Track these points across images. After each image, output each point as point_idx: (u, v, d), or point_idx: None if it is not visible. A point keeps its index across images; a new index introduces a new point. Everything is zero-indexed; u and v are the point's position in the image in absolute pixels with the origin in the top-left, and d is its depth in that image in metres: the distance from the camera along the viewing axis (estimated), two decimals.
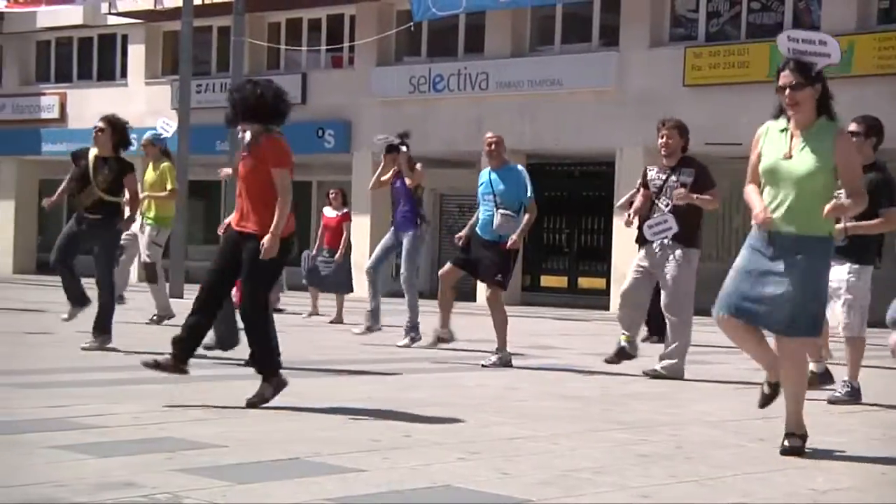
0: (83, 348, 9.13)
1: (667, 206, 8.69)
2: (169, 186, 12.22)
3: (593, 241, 22.96)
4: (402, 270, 11.02)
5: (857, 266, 7.48)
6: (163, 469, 4.55)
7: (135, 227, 12.24)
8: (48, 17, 26.79)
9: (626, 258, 18.98)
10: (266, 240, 6.37)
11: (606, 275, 21.35)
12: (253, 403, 6.38)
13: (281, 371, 6.54)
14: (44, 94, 28.45)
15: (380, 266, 11.23)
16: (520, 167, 9.79)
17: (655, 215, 8.72)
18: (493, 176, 9.62)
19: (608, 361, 8.88)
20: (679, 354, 8.73)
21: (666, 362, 8.72)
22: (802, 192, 5.29)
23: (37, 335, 10.21)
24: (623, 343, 8.87)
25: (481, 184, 9.74)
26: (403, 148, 11.13)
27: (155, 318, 12.17)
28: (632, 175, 19.95)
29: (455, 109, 21.96)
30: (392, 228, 11.22)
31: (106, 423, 5.68)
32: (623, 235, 20.21)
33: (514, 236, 9.40)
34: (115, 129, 9.32)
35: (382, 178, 11.36)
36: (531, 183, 9.62)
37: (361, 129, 23.17)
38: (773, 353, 5.50)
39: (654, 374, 8.68)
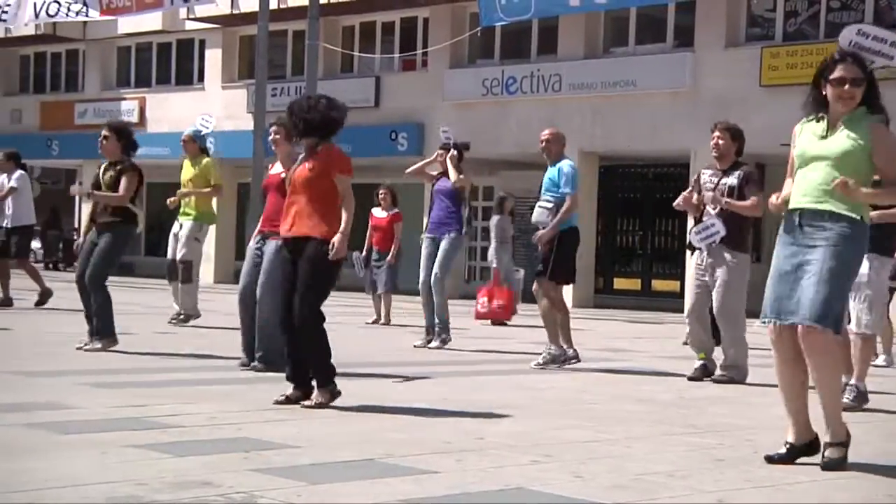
0: (84, 349, 8.98)
1: (715, 210, 8.59)
2: (213, 182, 12.08)
3: (667, 244, 22.77)
4: (435, 271, 10.74)
5: (876, 260, 7.25)
6: (239, 468, 4.61)
7: (173, 229, 12.24)
8: (129, 23, 27.27)
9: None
10: (336, 239, 6.44)
11: (680, 277, 21.13)
12: (307, 407, 6.42)
13: (335, 379, 6.53)
14: (124, 98, 28.98)
15: (428, 281, 11.04)
16: (566, 165, 9.57)
17: (704, 220, 8.63)
18: (548, 172, 9.64)
19: (692, 379, 8.73)
20: (740, 359, 8.63)
21: (728, 370, 8.64)
22: (836, 170, 5.03)
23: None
24: (702, 361, 8.80)
25: (546, 179, 9.74)
26: (454, 151, 11.04)
27: (181, 317, 12.06)
28: None
29: (527, 111, 21.93)
30: (428, 236, 10.96)
31: (183, 422, 5.76)
32: None
33: (541, 231, 9.30)
34: (120, 135, 9.30)
35: (426, 170, 11.30)
36: (575, 180, 9.46)
37: (434, 132, 23.20)
38: (805, 404, 5.21)
39: (719, 380, 8.59)
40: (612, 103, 21.15)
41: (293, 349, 6.54)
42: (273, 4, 21.89)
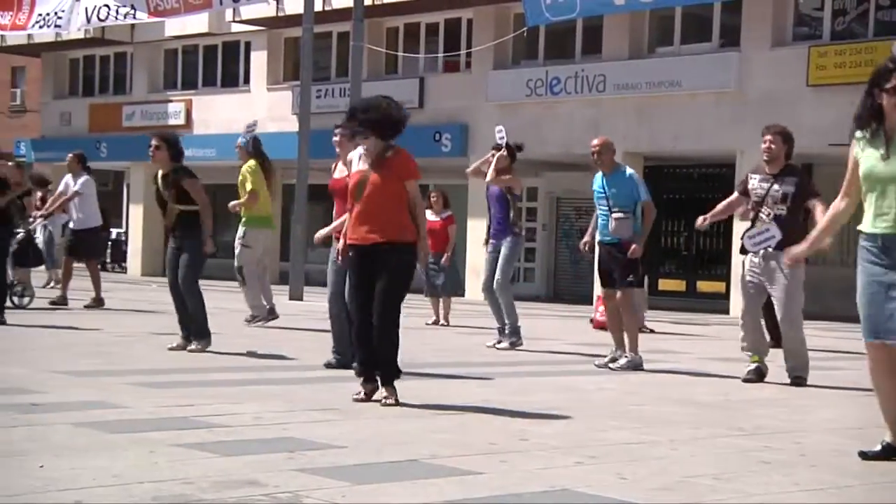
0: (190, 350, 9.24)
1: (769, 215, 8.48)
2: (248, 188, 12.12)
3: (713, 245, 22.61)
4: (497, 276, 10.86)
5: None
6: (284, 468, 4.64)
7: (238, 236, 12.33)
8: (176, 25, 27.53)
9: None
10: (420, 247, 6.62)
11: (726, 278, 21.00)
12: (388, 405, 6.54)
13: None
14: (171, 101, 29.25)
15: (492, 285, 11.12)
16: (630, 171, 9.64)
17: (757, 225, 8.53)
18: (605, 180, 9.59)
19: (747, 381, 8.62)
20: (804, 364, 8.58)
21: (797, 371, 8.55)
22: None
23: (163, 336, 10.48)
24: (756, 364, 8.71)
25: (595, 189, 9.71)
26: (504, 153, 11.06)
27: (250, 317, 12.28)
28: None
29: (572, 112, 21.87)
30: (491, 241, 11.06)
31: (229, 422, 5.81)
32: None
33: (635, 245, 9.34)
34: (169, 145, 9.50)
35: (483, 168, 11.36)
36: (645, 184, 9.54)
37: (478, 133, 23.24)
38: None
39: (797, 382, 8.49)
40: (657, 104, 21.04)
41: (364, 347, 6.69)
42: (318, 6, 22.01)
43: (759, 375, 8.67)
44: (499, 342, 10.93)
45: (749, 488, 4.63)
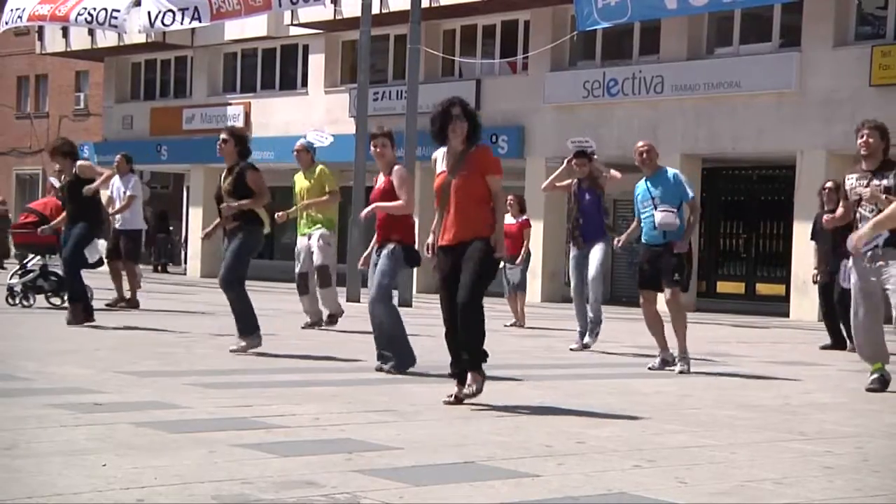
0: (231, 351, 9.22)
1: (871, 212, 8.07)
2: (328, 189, 12.19)
3: (772, 247, 22.37)
4: (591, 272, 10.91)
5: None
6: (342, 469, 4.66)
7: (299, 246, 12.35)
8: (235, 29, 27.79)
9: (806, 265, 18.41)
10: (496, 244, 6.65)
11: (786, 281, 20.77)
12: (466, 396, 6.63)
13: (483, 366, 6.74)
14: (230, 104, 29.53)
15: (583, 285, 11.10)
16: (673, 171, 9.68)
17: (860, 225, 8.07)
18: (648, 183, 9.56)
19: (870, 390, 8.26)
20: None
21: None
22: None
23: (223, 337, 10.58)
24: (878, 373, 8.33)
25: (638, 194, 9.69)
26: (596, 156, 11.22)
27: (327, 318, 12.26)
28: (813, 179, 19.36)
29: (629, 114, 21.76)
30: (574, 247, 11.15)
31: (287, 423, 5.85)
32: (804, 241, 19.61)
33: (680, 242, 9.30)
34: (238, 141, 9.54)
35: (558, 183, 11.35)
36: (691, 184, 9.53)
37: (535, 135, 23.20)
38: None
39: (873, 389, 8.24)
40: (715, 105, 20.86)
41: (456, 349, 6.75)
42: (375, 9, 22.10)
43: (882, 384, 8.26)
44: (585, 345, 10.93)
45: (810, 493, 4.58)
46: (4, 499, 3.94)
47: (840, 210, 8.55)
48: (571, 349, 10.99)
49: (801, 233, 19.61)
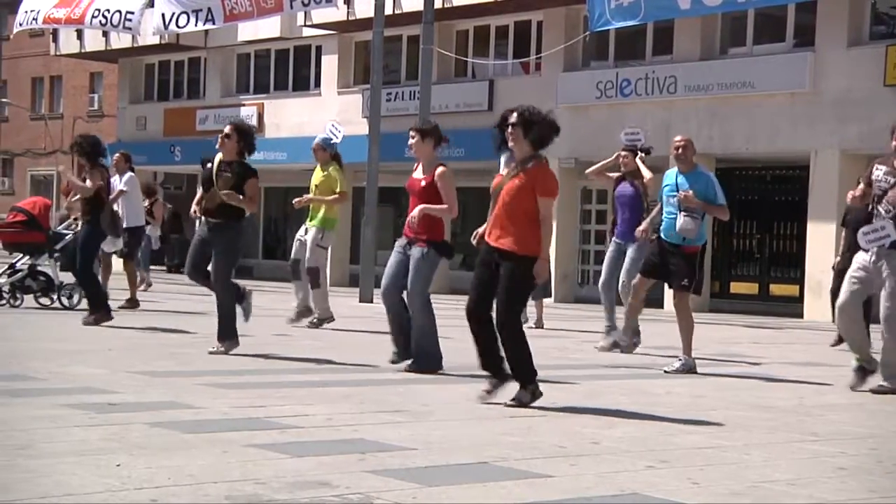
0: (211, 352, 9.11)
1: (887, 211, 8.09)
2: (337, 189, 12.14)
3: (786, 247, 22.30)
4: (623, 277, 10.91)
5: None
6: (355, 470, 4.67)
7: (299, 233, 12.41)
8: (248, 30, 27.84)
9: (820, 265, 18.39)
10: (539, 267, 6.59)
11: (800, 282, 20.70)
12: (511, 405, 6.64)
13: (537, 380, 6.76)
14: (243, 104, 29.59)
15: (612, 281, 11.12)
16: (708, 172, 9.64)
17: (874, 221, 8.15)
18: (681, 179, 9.49)
19: (853, 387, 8.30)
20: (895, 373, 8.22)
21: (892, 380, 8.19)
22: None
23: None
24: (859, 363, 8.37)
25: (666, 185, 9.63)
26: (642, 154, 11.22)
27: (315, 320, 12.20)
28: (827, 179, 19.34)
29: (643, 114, 21.70)
30: (616, 241, 11.17)
31: (300, 423, 5.86)
32: (818, 241, 19.58)
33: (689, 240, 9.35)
34: (242, 135, 9.32)
35: (605, 172, 11.42)
36: (723, 192, 9.48)
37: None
38: None
39: (881, 391, 8.19)
40: (729, 105, 20.81)
41: (483, 342, 6.77)
42: (388, 10, 22.11)
43: (863, 375, 8.30)
44: (614, 345, 10.85)
45: (824, 494, 4.57)
46: (18, 498, 3.96)
47: (859, 190, 8.40)
48: (596, 347, 10.92)
49: (815, 233, 19.59)
